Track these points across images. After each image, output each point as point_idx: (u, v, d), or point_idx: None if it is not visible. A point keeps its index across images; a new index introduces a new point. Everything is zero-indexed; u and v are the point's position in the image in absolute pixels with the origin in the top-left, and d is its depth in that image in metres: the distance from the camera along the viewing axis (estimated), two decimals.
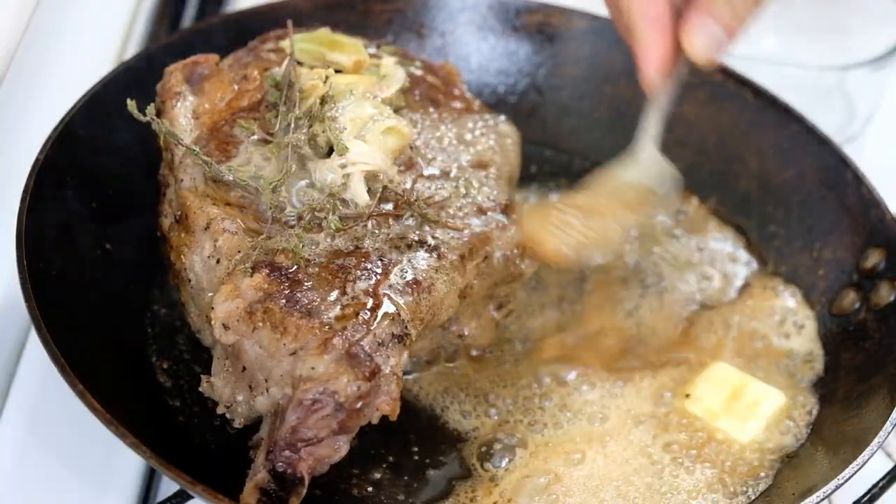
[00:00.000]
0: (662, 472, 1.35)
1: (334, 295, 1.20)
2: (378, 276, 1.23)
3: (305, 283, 1.20)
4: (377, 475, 1.34)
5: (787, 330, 1.51)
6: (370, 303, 1.20)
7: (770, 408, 1.41)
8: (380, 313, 1.19)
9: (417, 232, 1.29)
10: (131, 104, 1.27)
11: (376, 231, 1.28)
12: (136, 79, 1.49)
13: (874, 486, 1.29)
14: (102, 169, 1.46)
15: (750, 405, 1.41)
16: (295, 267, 1.21)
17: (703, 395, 1.42)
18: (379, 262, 1.24)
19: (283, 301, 1.18)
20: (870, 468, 1.25)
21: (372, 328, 1.18)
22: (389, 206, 1.30)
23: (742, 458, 1.37)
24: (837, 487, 1.22)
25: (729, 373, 1.45)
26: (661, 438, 1.38)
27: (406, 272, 1.25)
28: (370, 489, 1.32)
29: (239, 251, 1.23)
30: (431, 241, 1.28)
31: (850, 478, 1.23)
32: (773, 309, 1.54)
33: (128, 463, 1.39)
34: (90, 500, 1.37)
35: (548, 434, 1.38)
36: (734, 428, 1.39)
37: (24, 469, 1.38)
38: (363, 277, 1.22)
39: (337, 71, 1.38)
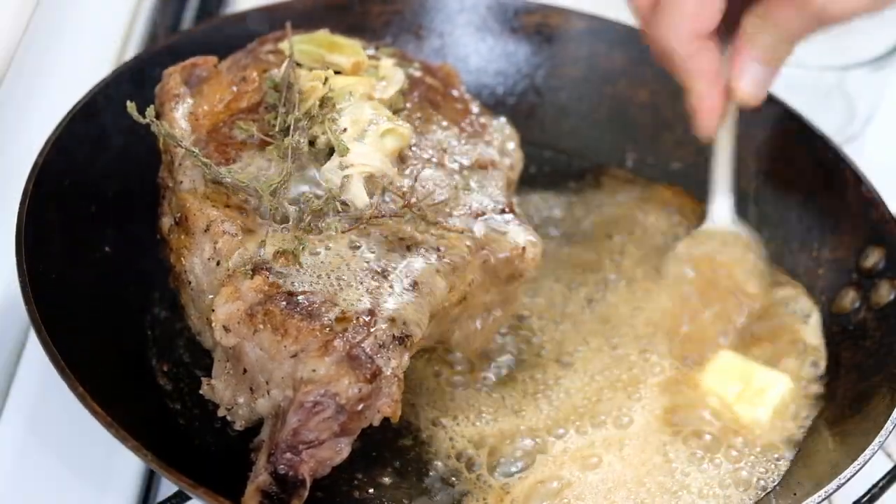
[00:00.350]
0: (675, 471, 1.35)
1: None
2: (378, 278, 1.23)
3: None
4: (384, 479, 1.33)
5: (792, 320, 1.52)
6: (370, 305, 1.20)
7: (777, 393, 1.42)
8: (380, 315, 1.19)
9: (417, 234, 1.29)
10: (131, 106, 1.27)
11: (375, 233, 1.28)
12: (136, 81, 1.49)
13: (874, 486, 1.29)
14: (102, 171, 1.46)
15: (757, 391, 1.42)
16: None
17: (713, 386, 1.43)
18: (378, 264, 1.24)
19: (284, 303, 1.18)
20: (870, 468, 1.25)
21: (373, 330, 1.18)
22: (389, 208, 1.30)
23: (753, 450, 1.37)
24: (839, 487, 1.22)
25: (735, 361, 1.46)
26: (679, 436, 1.38)
27: (406, 274, 1.25)
28: (371, 491, 1.32)
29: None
30: (431, 243, 1.28)
31: (850, 477, 1.23)
32: (778, 300, 1.54)
33: (128, 463, 1.39)
34: (90, 500, 1.37)
35: (568, 440, 1.37)
36: (745, 416, 1.40)
37: (24, 469, 1.39)
38: (363, 279, 1.22)
39: (336, 72, 1.38)
